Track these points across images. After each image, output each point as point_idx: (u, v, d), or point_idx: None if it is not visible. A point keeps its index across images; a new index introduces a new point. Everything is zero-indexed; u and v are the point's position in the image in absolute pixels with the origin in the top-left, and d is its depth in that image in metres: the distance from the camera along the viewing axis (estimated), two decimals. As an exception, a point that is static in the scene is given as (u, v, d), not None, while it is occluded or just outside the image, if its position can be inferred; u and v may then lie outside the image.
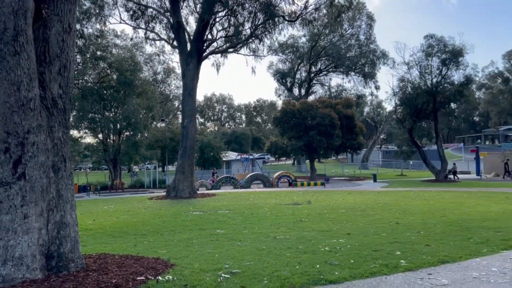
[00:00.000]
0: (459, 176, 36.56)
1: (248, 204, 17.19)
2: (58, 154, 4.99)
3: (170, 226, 11.12)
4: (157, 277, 5.00)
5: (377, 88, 58.00)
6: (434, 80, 32.89)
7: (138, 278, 4.86)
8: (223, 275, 5.25)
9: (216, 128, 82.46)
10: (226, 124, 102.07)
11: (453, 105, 40.77)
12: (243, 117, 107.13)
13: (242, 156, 46.02)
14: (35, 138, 4.66)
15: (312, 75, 61.40)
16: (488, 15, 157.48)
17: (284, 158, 51.96)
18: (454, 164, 35.21)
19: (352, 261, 6.03)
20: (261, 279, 5.10)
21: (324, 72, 62.91)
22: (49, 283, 4.50)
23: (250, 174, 36.37)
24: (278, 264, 5.85)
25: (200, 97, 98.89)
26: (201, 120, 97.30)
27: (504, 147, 61.99)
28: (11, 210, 4.49)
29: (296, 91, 62.20)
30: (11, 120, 4.49)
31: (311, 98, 56.01)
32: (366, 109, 75.82)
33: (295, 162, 67.67)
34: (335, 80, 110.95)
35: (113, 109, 38.16)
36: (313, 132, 35.91)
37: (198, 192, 25.57)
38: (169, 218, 13.10)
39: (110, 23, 38.66)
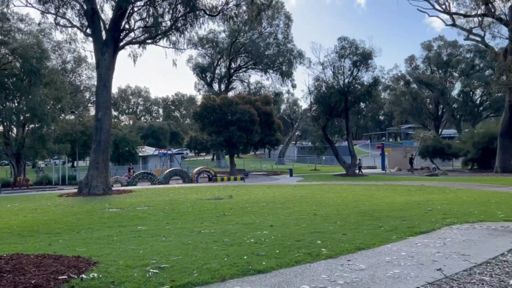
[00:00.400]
0: (367, 171, 39.43)
1: (168, 200, 16.87)
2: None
3: (86, 224, 10.53)
4: (81, 275, 4.74)
5: (293, 86, 60.08)
6: (346, 80, 34.97)
7: (60, 277, 4.56)
8: (151, 270, 5.14)
9: (131, 122, 79.36)
10: (142, 118, 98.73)
11: (362, 105, 43.66)
12: (161, 111, 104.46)
13: (160, 151, 44.95)
14: None
15: (232, 71, 61.81)
16: (394, 20, 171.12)
17: (204, 154, 51.70)
18: (360, 159, 37.83)
19: (277, 251, 6.25)
20: (191, 272, 5.08)
21: (244, 69, 63.70)
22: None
23: (169, 169, 35.65)
24: (206, 257, 5.86)
25: (114, 89, 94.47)
26: (115, 113, 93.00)
27: (405, 144, 68.01)
28: None
29: (216, 86, 62.16)
30: None
31: (230, 94, 56.30)
32: (283, 107, 78.17)
33: (214, 157, 67.70)
34: (254, 77, 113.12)
35: (16, 99, 34.92)
36: (233, 128, 36.25)
37: (113, 188, 24.48)
38: (84, 216, 12.39)
39: (15, 6, 35.24)
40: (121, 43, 24.83)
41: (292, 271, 5.24)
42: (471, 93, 64.63)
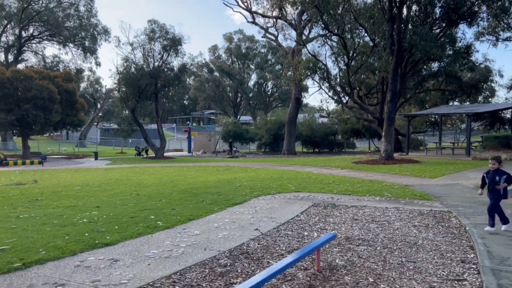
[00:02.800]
0: (174, 153, 40.83)
1: (-48, 187, 14.45)
2: None
3: None
4: None
5: (98, 64, 56.86)
6: (156, 64, 35.27)
7: None
8: (-10, 254, 4.92)
9: None
10: None
11: (170, 89, 44.61)
12: None
13: None
14: None
15: (23, 40, 54.11)
16: (201, 8, 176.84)
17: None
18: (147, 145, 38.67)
19: (116, 227, 6.63)
20: (36, 250, 5.08)
21: (38, 39, 56.57)
22: None
23: None
24: (45, 238, 5.83)
25: None
26: None
27: (207, 128, 72.44)
28: None
29: (1, 56, 53.53)
30: None
31: (21, 66, 49.39)
32: (83, 85, 72.74)
33: (-1, 138, 58.42)
34: (51, 49, 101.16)
35: None
36: (28, 106, 32.31)
37: None
38: None
39: None
40: None
41: (137, 241, 5.79)
42: (264, 84, 73.02)
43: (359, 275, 4.46)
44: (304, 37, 33.16)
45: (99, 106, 67.38)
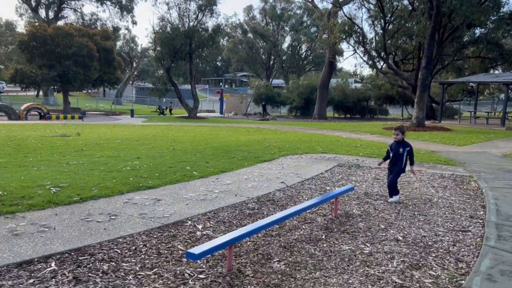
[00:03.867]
0: (206, 114, 41.69)
1: (4, 136, 15.70)
2: None
3: None
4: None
5: (134, 23, 57.95)
6: (191, 24, 35.55)
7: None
8: (52, 188, 5.73)
9: None
10: None
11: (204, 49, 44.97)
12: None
13: (-26, 83, 38.72)
14: None
15: (63, -3, 55.29)
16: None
17: (23, 89, 45.86)
18: (171, 102, 39.75)
19: (157, 174, 7.36)
20: (90, 189, 5.86)
21: (77, -3, 57.59)
22: None
23: (-10, 104, 31.44)
24: (95, 180, 6.61)
25: None
26: None
27: (239, 91, 72.78)
28: None
29: (42, 13, 54.97)
30: None
31: (61, 23, 50.70)
32: (119, 43, 73.98)
33: (39, 93, 61.03)
34: (89, 7, 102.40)
35: None
36: (69, 62, 33.61)
37: None
38: None
39: None
40: None
41: (176, 186, 6.49)
42: (298, 47, 72.07)
43: (372, 223, 4.97)
44: (341, -1, 32.45)
45: (134, 65, 68.66)
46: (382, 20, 26.06)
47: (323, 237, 4.41)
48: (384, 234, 4.55)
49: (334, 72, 43.96)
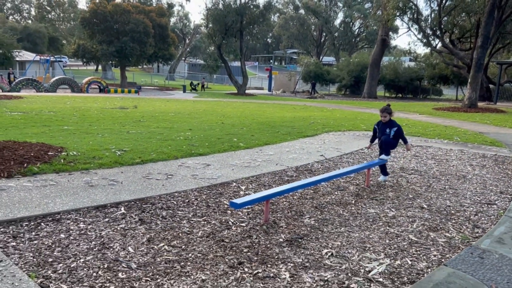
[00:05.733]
0: (255, 91, 42.24)
1: (70, 107, 17.15)
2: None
3: (6, 123, 10.91)
4: (62, 152, 5.98)
5: (187, -1, 58.32)
6: (243, 0, 35.88)
7: (49, 153, 5.77)
8: (117, 151, 6.58)
9: (-2, 21, 69.24)
10: (11, 17, 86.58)
11: (255, 26, 45.26)
12: (33, 11, 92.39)
13: (42, 57, 41.54)
14: None
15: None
16: None
17: (84, 63, 48.71)
18: (204, 78, 40.39)
19: (206, 143, 8.08)
20: (149, 154, 6.66)
21: (134, -26, 59.43)
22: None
23: (56, 77, 33.82)
24: (153, 146, 7.43)
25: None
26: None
27: (289, 68, 72.56)
28: None
29: (102, -10, 57.26)
30: None
31: (119, 0, 52.75)
32: (173, 20, 75.70)
33: (98, 68, 64.25)
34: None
35: None
36: (126, 39, 35.25)
37: None
38: (-7, 117, 12.46)
39: None
40: None
41: (223, 155, 7.16)
42: (351, 24, 70.34)
43: (401, 193, 5.38)
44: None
45: (187, 41, 70.17)
46: (439, -4, 25.11)
47: (353, 202, 4.90)
48: (410, 202, 4.95)
49: (389, 49, 42.83)
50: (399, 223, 4.19)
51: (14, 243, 3.31)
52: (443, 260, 3.32)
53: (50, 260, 3.06)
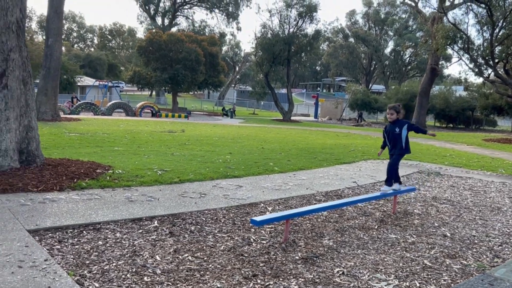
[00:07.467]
0: (301, 118, 42.54)
1: (122, 129, 18.26)
2: (26, 70, 5.91)
3: (64, 143, 11.90)
4: (109, 170, 6.57)
5: (238, 29, 61.33)
6: (291, 30, 36.79)
7: (96, 171, 6.37)
8: (158, 171, 7.10)
9: (64, 49, 75.18)
10: (76, 45, 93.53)
11: (303, 55, 46.03)
12: (96, 39, 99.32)
13: (101, 82, 44.47)
14: (14, 56, 5.56)
15: (177, 6, 60.70)
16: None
17: (139, 89, 51.55)
18: (234, 104, 40.84)
19: (243, 167, 8.45)
20: (187, 174, 7.12)
21: (189, 5, 62.74)
22: (30, 170, 5.72)
23: (112, 102, 36.03)
24: (193, 168, 7.90)
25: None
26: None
27: (337, 96, 72.45)
28: (-2, 113, 5.43)
29: (159, 20, 60.87)
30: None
31: (174, 30, 55.74)
32: (225, 48, 78.51)
33: (152, 93, 67.47)
34: (199, 15, 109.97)
35: None
36: (179, 66, 37.03)
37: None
38: (53, 137, 13.59)
39: None
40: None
41: (257, 178, 7.48)
42: (401, 52, 69.52)
43: (427, 221, 5.41)
44: (448, 3, 31.04)
45: (237, 69, 72.23)
46: (490, 25, 24.50)
47: (375, 227, 5.02)
48: (434, 230, 4.99)
49: (439, 78, 41.87)
50: (417, 249, 4.27)
51: (58, 246, 3.78)
52: (452, 284, 3.40)
53: (87, 262, 3.48)
